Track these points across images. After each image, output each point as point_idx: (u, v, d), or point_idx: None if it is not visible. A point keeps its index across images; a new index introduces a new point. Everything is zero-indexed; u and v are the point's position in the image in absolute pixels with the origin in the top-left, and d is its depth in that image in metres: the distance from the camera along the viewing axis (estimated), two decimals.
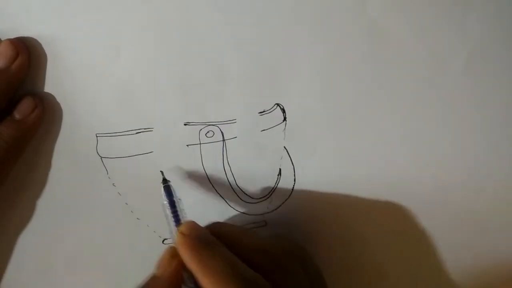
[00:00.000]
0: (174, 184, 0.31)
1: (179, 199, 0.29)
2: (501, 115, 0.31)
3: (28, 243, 0.32)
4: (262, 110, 0.31)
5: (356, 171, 0.32)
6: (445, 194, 0.32)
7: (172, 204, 0.28)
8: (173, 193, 0.29)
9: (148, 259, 0.33)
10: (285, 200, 0.33)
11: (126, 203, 0.32)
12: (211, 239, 0.26)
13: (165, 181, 0.29)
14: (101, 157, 0.31)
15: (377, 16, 0.29)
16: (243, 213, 0.33)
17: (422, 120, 0.31)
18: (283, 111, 0.31)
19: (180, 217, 0.28)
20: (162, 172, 0.30)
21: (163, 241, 0.33)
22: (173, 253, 0.27)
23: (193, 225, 0.27)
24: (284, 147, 0.31)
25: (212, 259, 0.25)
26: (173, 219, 0.28)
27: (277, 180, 0.32)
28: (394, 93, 0.30)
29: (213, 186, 0.32)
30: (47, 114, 0.30)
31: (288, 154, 0.32)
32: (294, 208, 0.33)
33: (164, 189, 0.29)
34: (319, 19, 0.29)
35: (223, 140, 0.31)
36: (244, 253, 0.26)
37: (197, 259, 0.25)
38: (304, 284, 0.28)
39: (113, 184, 0.32)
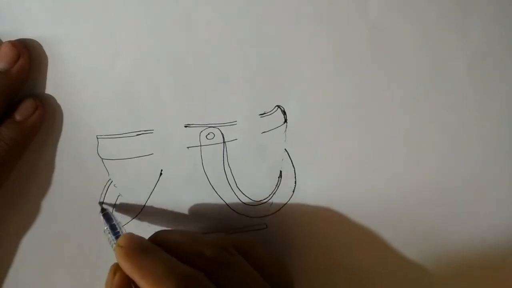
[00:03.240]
0: (175, 185, 0.31)
1: (119, 222, 0.30)
2: (503, 117, 0.30)
3: (29, 244, 0.32)
4: (262, 112, 0.30)
5: (357, 173, 0.32)
6: (446, 195, 0.32)
7: (113, 228, 0.29)
8: (113, 218, 0.30)
9: None
10: (286, 203, 0.32)
11: (127, 204, 0.32)
12: (148, 246, 0.27)
13: (103, 209, 0.31)
14: (102, 159, 0.31)
15: (378, 18, 0.28)
16: (243, 215, 0.33)
17: (423, 122, 0.31)
18: (284, 113, 0.30)
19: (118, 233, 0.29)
20: (100, 203, 0.31)
21: None
22: (115, 269, 0.27)
23: (130, 235, 0.28)
24: (285, 149, 0.31)
25: (149, 263, 0.26)
26: (115, 242, 0.28)
27: (277, 183, 0.32)
28: (395, 95, 0.30)
29: (213, 188, 0.32)
30: (48, 115, 0.30)
31: (289, 156, 0.31)
32: (295, 210, 0.32)
33: (103, 217, 0.30)
34: (320, 21, 0.29)
35: (224, 142, 0.31)
36: (183, 256, 0.27)
37: (135, 266, 0.26)
38: (250, 275, 0.28)
39: (114, 185, 0.32)
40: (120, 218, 0.32)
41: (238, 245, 0.29)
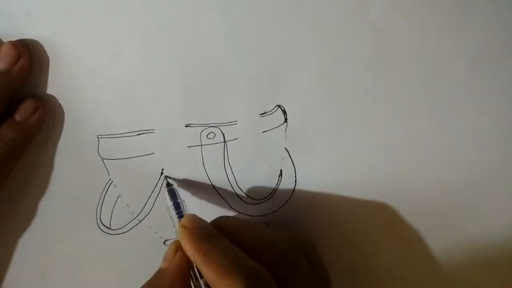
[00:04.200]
0: (175, 185, 0.31)
1: (183, 201, 0.29)
2: (503, 117, 0.31)
3: (29, 245, 0.32)
4: (263, 112, 0.31)
5: (357, 172, 0.32)
6: (447, 196, 0.32)
7: (177, 206, 0.29)
8: (177, 195, 0.29)
9: (149, 260, 0.33)
10: (286, 202, 0.32)
11: (128, 205, 0.32)
12: (213, 232, 0.26)
13: (168, 184, 0.30)
14: (103, 159, 0.31)
15: (378, 18, 0.29)
16: (244, 214, 0.33)
17: (423, 122, 0.31)
18: (284, 112, 0.31)
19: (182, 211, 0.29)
20: (166, 177, 0.30)
21: (164, 242, 0.33)
22: (177, 247, 0.27)
23: (194, 218, 0.27)
24: (285, 148, 0.31)
25: (213, 251, 0.25)
26: (178, 220, 0.28)
27: (278, 182, 0.32)
28: (395, 95, 0.30)
29: (214, 188, 0.32)
30: (48, 116, 0.30)
31: (289, 155, 0.32)
32: (295, 209, 0.33)
33: (168, 192, 0.30)
34: (320, 21, 0.29)
35: (224, 141, 0.31)
36: (247, 247, 0.26)
37: (199, 252, 0.25)
38: (308, 278, 0.28)
39: (114, 185, 0.32)
40: None
41: (301, 245, 0.29)
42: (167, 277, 0.26)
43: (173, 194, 0.29)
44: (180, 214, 0.28)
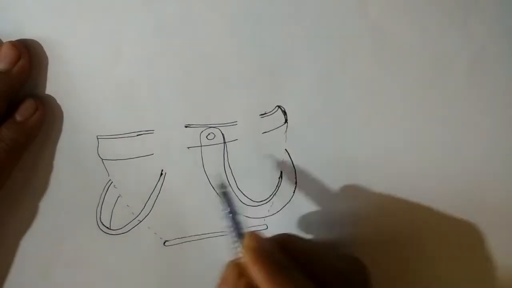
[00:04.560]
0: (175, 185, 0.31)
1: (238, 207, 0.27)
2: (504, 116, 0.31)
3: (29, 245, 0.32)
4: (263, 112, 0.30)
5: (358, 173, 0.32)
6: (446, 194, 0.32)
7: (234, 213, 0.26)
8: (233, 202, 0.27)
9: (149, 260, 0.33)
10: (286, 203, 0.32)
11: (128, 205, 0.32)
12: (286, 262, 0.25)
13: (223, 187, 0.27)
14: (102, 159, 0.31)
15: (379, 18, 0.29)
16: (243, 216, 0.33)
17: (424, 122, 0.31)
18: (284, 113, 0.31)
19: (242, 227, 0.26)
20: (221, 177, 0.29)
21: (164, 242, 0.33)
22: (241, 272, 0.24)
23: (263, 239, 0.25)
24: (286, 149, 0.31)
25: (285, 283, 0.23)
26: (234, 232, 0.26)
27: (278, 183, 0.32)
28: (396, 95, 0.30)
29: (213, 189, 0.32)
30: (48, 116, 0.30)
31: (289, 156, 0.31)
32: (295, 211, 0.32)
33: (223, 196, 0.27)
34: (320, 21, 0.29)
35: (224, 142, 0.31)
36: (316, 274, 0.25)
37: (270, 281, 0.23)
38: None
39: (114, 186, 0.32)
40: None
41: (361, 273, 0.28)
42: None
43: (228, 199, 0.26)
44: (236, 222, 0.26)
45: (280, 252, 0.25)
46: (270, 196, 0.32)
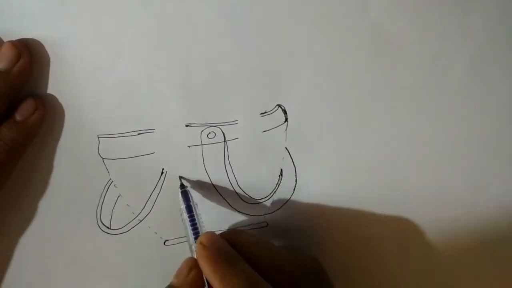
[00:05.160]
0: (175, 184, 0.31)
1: (196, 204, 0.30)
2: (503, 117, 0.31)
3: (30, 245, 0.32)
4: (263, 111, 0.31)
5: (358, 172, 0.32)
6: (446, 195, 0.32)
7: (189, 209, 0.29)
8: (190, 198, 0.30)
9: (150, 260, 0.33)
10: (287, 201, 0.33)
11: (128, 205, 0.32)
12: (232, 254, 0.27)
13: (182, 186, 0.30)
14: (103, 158, 0.31)
15: (378, 18, 0.29)
16: (244, 214, 0.33)
17: (424, 122, 0.31)
18: (285, 112, 0.31)
19: (197, 222, 0.29)
20: (180, 177, 0.31)
21: (164, 242, 0.33)
22: (192, 264, 0.27)
23: (213, 237, 0.27)
24: (286, 148, 0.31)
25: (234, 277, 0.25)
26: (190, 224, 0.29)
27: (278, 181, 0.32)
28: (396, 95, 0.30)
29: (214, 187, 0.32)
30: (49, 115, 0.30)
31: (290, 155, 0.32)
32: (295, 209, 0.33)
33: (182, 194, 0.30)
34: (320, 21, 0.29)
35: (225, 141, 0.31)
36: (262, 267, 0.26)
37: (219, 275, 0.25)
38: None
39: (114, 185, 0.31)
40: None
41: (308, 266, 0.29)
42: None
43: (186, 197, 0.30)
44: (192, 218, 0.29)
45: (227, 247, 0.27)
46: (270, 194, 0.32)
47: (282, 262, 0.28)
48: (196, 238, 0.28)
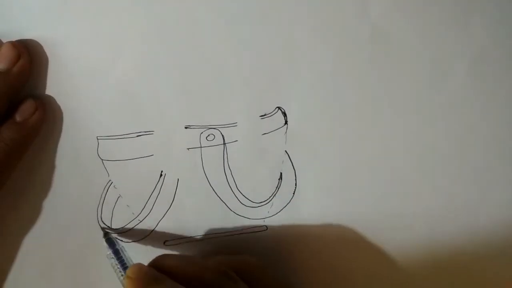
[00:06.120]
0: (174, 186, 0.31)
1: (122, 247, 0.31)
2: (505, 119, 0.30)
3: (30, 245, 0.32)
4: (263, 114, 0.30)
5: (357, 175, 0.32)
6: (447, 195, 0.32)
7: (117, 253, 0.30)
8: (116, 243, 0.31)
9: (149, 260, 0.33)
10: (286, 205, 0.32)
11: (128, 205, 0.32)
12: (157, 275, 0.28)
13: (106, 234, 0.32)
14: (102, 160, 0.31)
15: (379, 19, 0.28)
16: (243, 217, 0.33)
17: (425, 124, 0.31)
18: (285, 114, 0.30)
19: (126, 263, 0.30)
20: (102, 228, 0.32)
21: (164, 242, 0.33)
22: None
23: (138, 266, 0.28)
24: (285, 151, 0.31)
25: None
26: (119, 267, 0.30)
27: (278, 185, 0.32)
28: (396, 97, 0.30)
29: (213, 190, 0.32)
30: (48, 116, 0.30)
31: (289, 158, 0.31)
32: (295, 212, 0.32)
33: (106, 242, 0.31)
34: (321, 22, 0.28)
35: (224, 143, 0.31)
36: (184, 282, 0.28)
37: None
38: None
39: (114, 186, 0.32)
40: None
41: (243, 269, 0.30)
42: None
43: (111, 243, 0.31)
44: (120, 260, 0.30)
45: (153, 270, 0.28)
46: (270, 197, 0.32)
47: (200, 273, 0.29)
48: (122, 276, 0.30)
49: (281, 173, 0.32)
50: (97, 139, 0.30)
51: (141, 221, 0.33)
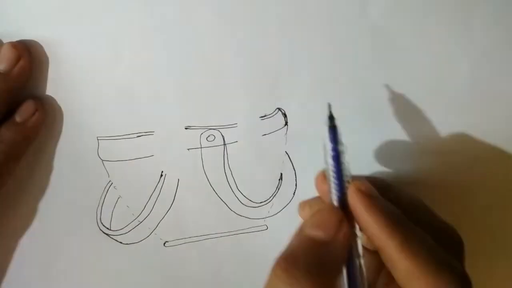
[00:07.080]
0: (175, 187, 0.31)
1: (342, 143, 0.23)
2: (506, 120, 0.30)
3: (29, 245, 0.32)
4: (263, 115, 0.30)
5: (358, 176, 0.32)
6: (447, 196, 0.32)
7: (337, 156, 0.23)
8: (339, 139, 0.23)
9: (149, 261, 0.33)
10: (286, 205, 0.32)
11: (128, 206, 0.32)
12: (403, 217, 0.22)
13: (331, 118, 0.23)
14: (102, 160, 0.31)
15: (379, 19, 0.28)
16: (244, 217, 0.33)
17: (425, 125, 0.31)
18: (285, 115, 0.30)
19: (343, 167, 0.23)
20: (329, 104, 0.23)
21: (164, 243, 0.33)
22: (341, 217, 0.22)
23: (370, 186, 0.23)
24: (286, 151, 0.31)
25: (414, 241, 0.21)
26: (335, 171, 0.23)
27: (278, 185, 0.32)
28: (397, 97, 0.30)
29: (213, 190, 0.32)
30: (48, 117, 0.30)
31: (290, 158, 0.31)
32: (295, 213, 0.32)
33: (330, 132, 0.22)
34: (320, 22, 0.29)
35: (224, 144, 0.31)
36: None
37: (395, 237, 0.21)
38: None
39: (114, 187, 0.32)
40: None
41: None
42: (337, 250, 0.21)
43: (334, 136, 0.23)
44: (337, 168, 0.22)
45: (396, 210, 0.22)
46: (270, 197, 0.32)
47: (438, 224, 0.24)
48: (338, 186, 0.23)
49: (281, 174, 0.32)
50: (97, 139, 0.30)
51: (141, 222, 0.33)
